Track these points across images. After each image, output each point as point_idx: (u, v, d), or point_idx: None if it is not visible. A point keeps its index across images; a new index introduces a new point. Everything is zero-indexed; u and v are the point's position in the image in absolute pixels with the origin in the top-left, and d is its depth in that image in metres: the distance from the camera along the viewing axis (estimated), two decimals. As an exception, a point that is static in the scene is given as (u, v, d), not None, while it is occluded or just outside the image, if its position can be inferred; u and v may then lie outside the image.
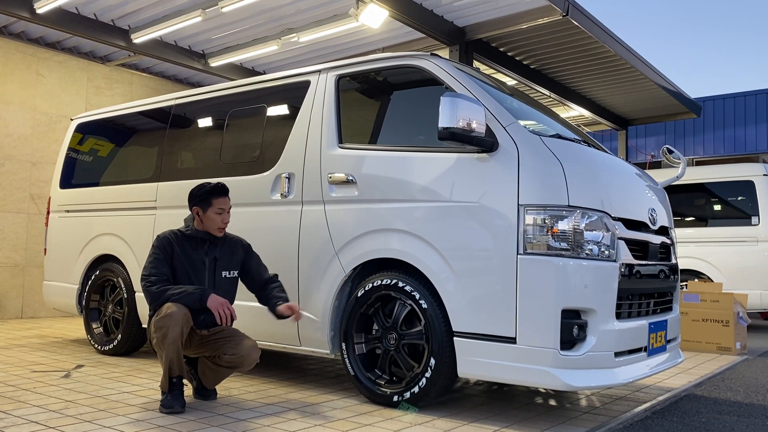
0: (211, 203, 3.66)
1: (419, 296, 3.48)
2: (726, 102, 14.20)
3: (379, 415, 3.39)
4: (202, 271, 3.67)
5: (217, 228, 3.68)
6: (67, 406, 3.45)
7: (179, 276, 3.61)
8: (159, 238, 3.65)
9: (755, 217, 8.38)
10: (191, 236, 3.68)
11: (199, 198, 3.68)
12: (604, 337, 3.18)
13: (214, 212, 3.65)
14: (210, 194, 3.67)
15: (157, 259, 3.58)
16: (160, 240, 3.64)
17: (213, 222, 3.66)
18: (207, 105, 4.95)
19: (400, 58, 3.88)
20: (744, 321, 6.33)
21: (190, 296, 3.46)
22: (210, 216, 3.65)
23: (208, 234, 3.70)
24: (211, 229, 3.68)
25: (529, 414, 3.53)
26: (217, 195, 3.68)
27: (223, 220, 3.68)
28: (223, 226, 3.69)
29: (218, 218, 3.66)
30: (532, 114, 4.02)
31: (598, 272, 3.19)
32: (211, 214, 3.65)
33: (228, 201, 3.72)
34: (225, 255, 3.75)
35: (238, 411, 3.44)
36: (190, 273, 3.63)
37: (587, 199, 3.22)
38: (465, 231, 3.34)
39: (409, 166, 3.62)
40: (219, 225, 3.67)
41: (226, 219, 3.70)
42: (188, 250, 3.65)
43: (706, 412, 3.75)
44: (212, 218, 3.65)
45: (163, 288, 3.49)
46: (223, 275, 3.73)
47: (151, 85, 9.58)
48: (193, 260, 3.65)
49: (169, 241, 3.63)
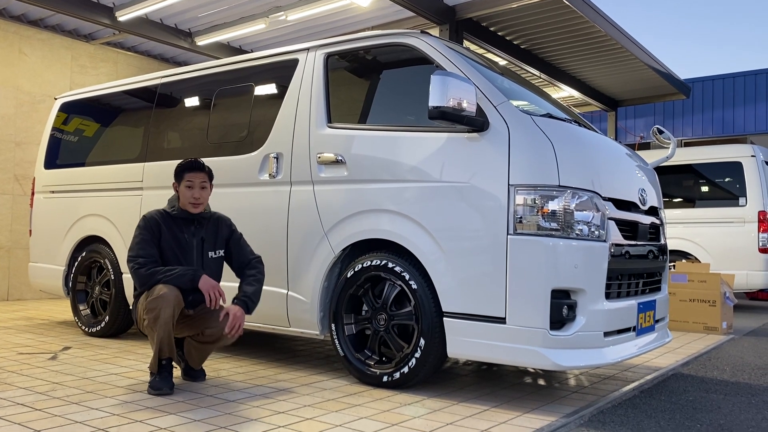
0: (182, 176, 3.62)
1: (409, 277, 3.47)
2: (715, 83, 14.22)
3: (369, 396, 3.39)
4: (190, 253, 3.63)
5: (188, 203, 3.60)
6: (54, 388, 3.42)
7: (167, 257, 3.57)
8: (146, 219, 3.60)
9: (742, 198, 8.43)
10: (178, 216, 3.63)
11: (175, 172, 3.67)
12: (594, 317, 3.18)
13: (185, 186, 3.60)
14: (182, 169, 3.64)
15: (144, 240, 3.53)
16: (147, 220, 3.59)
17: (184, 196, 3.60)
18: (193, 84, 4.87)
19: (389, 35, 3.83)
20: (730, 301, 6.38)
21: (182, 277, 3.42)
22: (182, 190, 3.61)
23: (189, 214, 3.64)
24: (185, 204, 3.61)
25: (518, 393, 3.55)
26: (189, 170, 3.62)
27: (193, 195, 3.59)
28: (194, 201, 3.60)
29: (188, 192, 3.59)
30: (523, 93, 3.98)
31: (588, 252, 3.18)
32: (183, 188, 3.61)
33: (200, 176, 3.63)
34: (210, 235, 3.71)
35: (228, 392, 3.42)
36: (179, 254, 3.59)
37: (578, 179, 3.21)
38: (455, 211, 3.32)
39: (398, 146, 3.59)
40: (189, 200, 3.59)
41: (196, 194, 3.61)
42: (176, 231, 3.61)
43: (693, 390, 3.78)
44: (184, 193, 3.60)
45: (153, 270, 3.45)
46: (210, 255, 3.70)
47: (136, 65, 9.43)
48: (181, 241, 3.61)
49: (156, 222, 3.58)
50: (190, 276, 3.43)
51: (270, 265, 4.06)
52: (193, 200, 3.61)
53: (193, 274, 3.44)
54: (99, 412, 2.97)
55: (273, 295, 4.03)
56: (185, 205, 3.62)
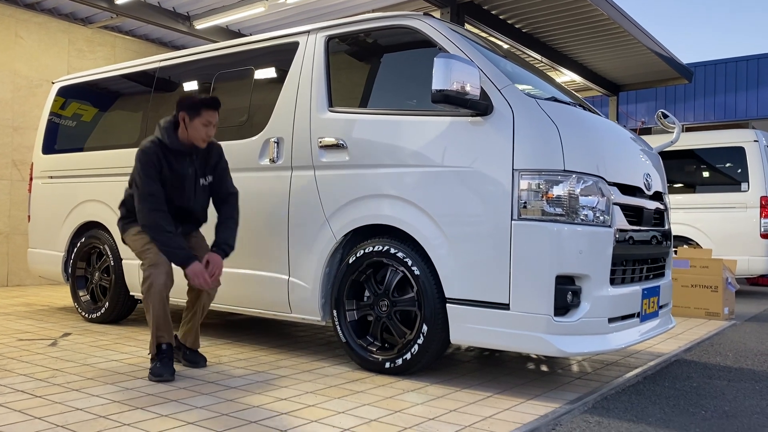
0: (200, 113, 3.53)
1: (411, 263, 3.43)
2: (717, 68, 14.13)
3: (371, 382, 3.37)
4: (187, 184, 3.61)
5: (201, 139, 3.57)
6: (54, 374, 3.40)
7: (167, 191, 3.54)
8: (146, 153, 3.50)
9: (744, 184, 8.39)
10: (175, 149, 3.57)
11: (189, 104, 3.55)
12: (598, 303, 3.15)
13: (201, 123, 3.54)
14: (201, 104, 3.54)
15: (149, 176, 3.47)
16: (148, 155, 3.50)
17: (198, 132, 3.55)
18: (193, 68, 4.81)
19: (391, 18, 3.77)
20: (732, 287, 6.36)
21: (176, 256, 3.43)
22: (196, 126, 3.54)
23: (191, 146, 3.60)
24: (196, 140, 3.56)
25: (520, 380, 3.53)
26: (208, 107, 3.55)
27: (208, 133, 3.58)
28: (207, 139, 3.59)
29: (204, 130, 3.55)
30: (527, 77, 3.93)
31: (593, 238, 3.14)
32: (198, 125, 3.54)
33: (216, 116, 3.60)
34: (201, 162, 3.70)
35: (229, 378, 3.40)
36: (176, 186, 3.58)
37: (583, 164, 3.16)
38: (458, 196, 3.28)
39: (400, 130, 3.54)
40: (203, 137, 3.56)
41: (211, 132, 3.60)
42: (173, 162, 3.56)
43: (696, 376, 3.76)
44: (198, 128, 3.54)
45: (161, 223, 3.43)
46: (201, 183, 3.70)
47: (134, 49, 9.34)
48: (180, 174, 3.58)
49: (157, 156, 3.52)
50: (182, 258, 3.42)
51: (271, 250, 4.03)
52: (206, 137, 3.58)
53: (186, 259, 3.42)
54: (100, 399, 2.94)
55: (274, 281, 4.01)
56: (195, 140, 3.57)
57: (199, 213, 3.75)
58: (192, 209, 3.68)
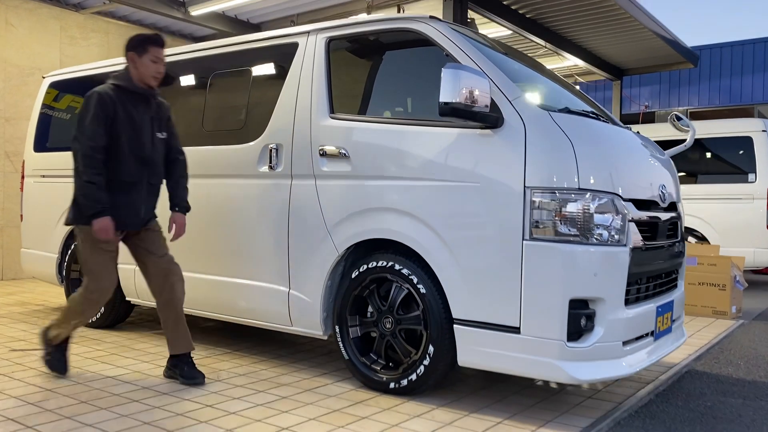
0: (147, 50, 3.52)
1: (417, 280, 3.30)
2: (723, 51, 13.87)
3: (376, 405, 3.25)
4: (144, 132, 3.55)
5: (152, 77, 3.55)
6: (47, 396, 3.28)
7: (122, 141, 3.45)
8: (100, 94, 3.43)
9: (752, 174, 8.23)
10: (131, 90, 3.52)
11: (134, 43, 3.54)
12: (613, 327, 3.02)
13: (149, 59, 3.52)
14: (147, 40, 3.55)
15: (98, 118, 3.39)
16: (102, 96, 3.43)
17: (148, 69, 3.53)
18: (187, 67, 4.62)
19: (396, 20, 3.58)
20: (741, 285, 6.25)
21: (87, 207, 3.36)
22: (145, 63, 3.52)
23: (146, 89, 3.56)
24: (147, 78, 3.54)
25: (530, 400, 3.41)
26: (155, 44, 3.56)
27: (158, 70, 3.56)
28: (158, 76, 3.57)
29: (153, 66, 3.54)
30: (534, 77, 3.77)
31: (608, 259, 3.00)
32: (147, 62, 3.52)
33: (163, 53, 3.59)
34: (156, 115, 3.66)
35: (228, 401, 3.28)
36: (133, 134, 3.50)
37: (598, 181, 3.01)
38: (467, 213, 3.13)
39: (405, 141, 3.38)
40: (153, 74, 3.55)
41: (161, 69, 3.58)
42: (129, 108, 3.50)
43: (710, 393, 3.65)
44: (148, 65, 3.52)
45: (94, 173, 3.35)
46: (158, 136, 3.65)
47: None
48: (135, 120, 3.52)
49: (113, 101, 3.45)
50: (93, 211, 3.34)
51: (271, 261, 3.89)
52: (158, 74, 3.57)
53: (97, 213, 3.33)
54: (94, 430, 2.82)
55: (274, 293, 3.87)
56: (147, 79, 3.55)
57: (158, 166, 3.65)
58: (150, 158, 3.58)
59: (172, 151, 3.78)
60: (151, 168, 3.60)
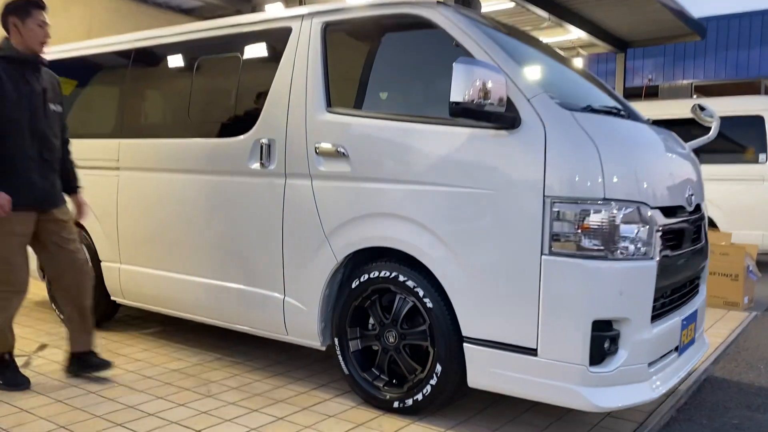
0: (30, 13, 3.33)
1: (423, 293, 3.03)
2: (731, 22, 13.43)
3: (378, 426, 3.01)
4: (37, 102, 3.35)
5: (38, 42, 3.35)
6: (21, 421, 3.01)
7: (12, 113, 3.25)
8: None
9: (762, 155, 7.95)
10: (15, 58, 3.30)
11: (15, 7, 3.32)
12: (638, 348, 2.76)
13: (35, 23, 3.33)
14: (29, 3, 3.34)
15: None
16: None
17: (35, 34, 3.33)
18: (171, 51, 4.26)
19: (399, 5, 3.24)
20: (754, 275, 6.02)
21: None
22: (31, 27, 3.32)
23: (32, 56, 3.35)
24: (33, 44, 3.34)
25: (543, 421, 3.17)
26: (35, 6, 3.35)
27: (45, 35, 3.38)
28: (45, 42, 3.38)
29: (40, 31, 3.35)
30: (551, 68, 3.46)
31: (635, 275, 2.73)
32: (32, 26, 3.33)
33: (46, 16, 3.39)
34: (49, 86, 3.48)
35: (220, 423, 3.03)
36: (23, 106, 3.29)
37: (625, 189, 2.72)
38: (479, 223, 2.85)
39: (410, 140, 3.07)
40: (41, 39, 3.36)
41: (48, 34, 3.40)
42: (17, 79, 3.29)
43: (733, 406, 3.43)
44: (34, 29, 3.33)
45: None
46: (52, 108, 3.46)
47: (113, 7, 8.66)
48: (25, 91, 3.31)
49: None
50: None
51: (264, 265, 3.61)
52: (44, 39, 3.37)
53: None
54: (70, 466, 2.57)
55: (267, 300, 3.60)
56: (34, 45, 3.35)
57: (51, 140, 3.43)
58: (42, 132, 3.37)
59: (65, 130, 3.63)
60: (43, 142, 3.38)
